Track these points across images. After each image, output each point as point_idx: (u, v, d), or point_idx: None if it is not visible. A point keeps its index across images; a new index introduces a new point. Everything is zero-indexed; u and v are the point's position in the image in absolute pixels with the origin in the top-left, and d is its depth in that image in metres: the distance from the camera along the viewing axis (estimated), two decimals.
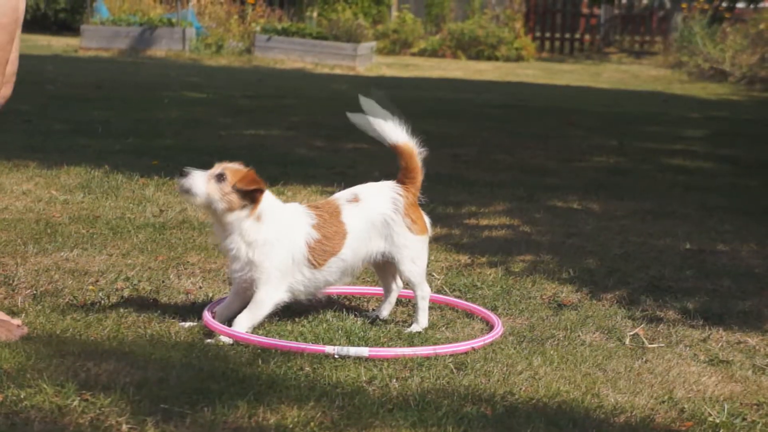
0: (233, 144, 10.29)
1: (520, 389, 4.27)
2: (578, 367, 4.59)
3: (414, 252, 4.89)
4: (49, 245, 6.00)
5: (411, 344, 4.74)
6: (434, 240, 6.70)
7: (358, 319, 5.05)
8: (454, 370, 4.44)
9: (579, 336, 5.03)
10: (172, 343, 4.54)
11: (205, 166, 8.75)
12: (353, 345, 4.63)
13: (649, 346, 4.95)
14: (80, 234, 6.32)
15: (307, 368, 4.32)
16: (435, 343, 4.73)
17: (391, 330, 4.92)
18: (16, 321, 4.57)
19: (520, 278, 5.95)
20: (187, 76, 18.06)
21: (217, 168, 4.75)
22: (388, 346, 4.69)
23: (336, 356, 4.44)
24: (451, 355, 4.58)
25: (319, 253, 4.75)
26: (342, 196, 4.90)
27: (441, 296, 5.41)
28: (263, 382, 4.10)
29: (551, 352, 4.75)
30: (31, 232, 6.27)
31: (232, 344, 4.57)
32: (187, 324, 4.78)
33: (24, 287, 5.21)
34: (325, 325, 4.89)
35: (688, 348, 4.95)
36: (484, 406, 4.05)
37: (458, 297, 5.54)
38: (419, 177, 4.97)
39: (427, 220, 5.00)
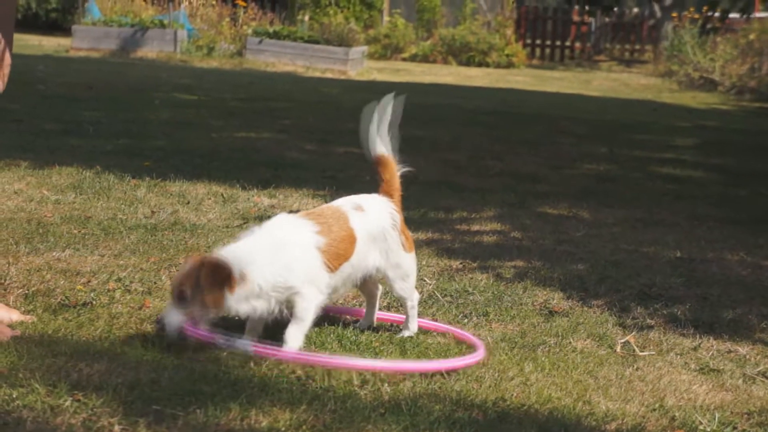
0: (225, 146, 10.29)
1: (512, 395, 4.28)
2: (569, 373, 4.61)
3: (406, 270, 4.81)
4: (40, 245, 5.99)
5: (402, 349, 4.74)
6: (425, 244, 6.72)
7: (351, 324, 5.05)
8: (446, 375, 4.45)
9: (570, 343, 5.04)
10: (164, 344, 4.53)
11: (197, 167, 8.79)
12: (346, 350, 4.62)
13: (640, 353, 4.97)
14: (72, 234, 6.31)
15: (299, 372, 4.32)
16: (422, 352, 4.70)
17: (382, 335, 4.93)
18: (17, 318, 4.58)
19: (511, 284, 5.96)
20: (178, 77, 18.05)
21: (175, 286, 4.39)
22: (380, 352, 4.69)
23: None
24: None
25: (333, 257, 4.58)
26: (345, 204, 4.75)
27: (428, 321, 5.16)
28: (255, 385, 4.09)
29: (543, 359, 4.76)
30: (22, 232, 6.26)
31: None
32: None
33: (16, 287, 5.20)
34: (316, 328, 4.89)
35: (678, 356, 4.96)
36: (475, 412, 4.06)
37: (450, 302, 5.55)
38: (399, 192, 4.88)
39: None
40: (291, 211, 5.01)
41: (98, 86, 15.09)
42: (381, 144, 4.87)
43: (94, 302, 5.08)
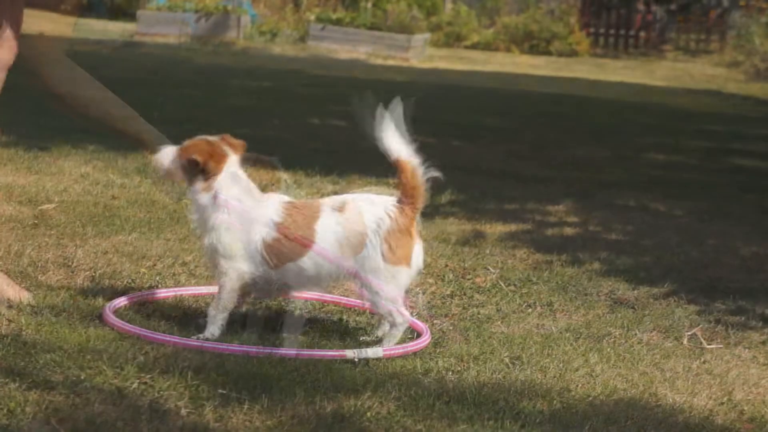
0: (288, 132, 10.32)
1: (577, 386, 4.24)
2: (635, 365, 4.56)
3: (380, 281, 4.44)
4: (107, 228, 6.04)
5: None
6: (489, 234, 6.68)
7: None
8: (510, 365, 4.42)
9: (636, 334, 4.99)
10: (230, 328, 4.55)
11: (261, 153, 8.79)
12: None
13: (708, 346, 4.91)
14: (138, 218, 6.36)
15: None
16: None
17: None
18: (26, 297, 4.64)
19: (576, 274, 5.91)
20: (241, 63, 18.13)
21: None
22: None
23: (356, 360, 4.30)
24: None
25: (276, 254, 4.43)
26: (331, 201, 4.58)
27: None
28: (320, 371, 4.10)
29: (608, 350, 4.71)
30: (89, 215, 6.31)
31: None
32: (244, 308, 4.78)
33: (83, 269, 5.25)
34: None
35: (747, 350, 4.89)
36: (540, 402, 4.03)
37: (513, 291, 5.51)
38: (418, 199, 4.57)
39: (417, 250, 4.55)
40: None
41: (163, 71, 15.20)
42: (398, 147, 4.61)
43: (159, 286, 5.11)
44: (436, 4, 27.61)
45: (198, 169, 4.45)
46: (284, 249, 4.44)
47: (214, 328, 4.45)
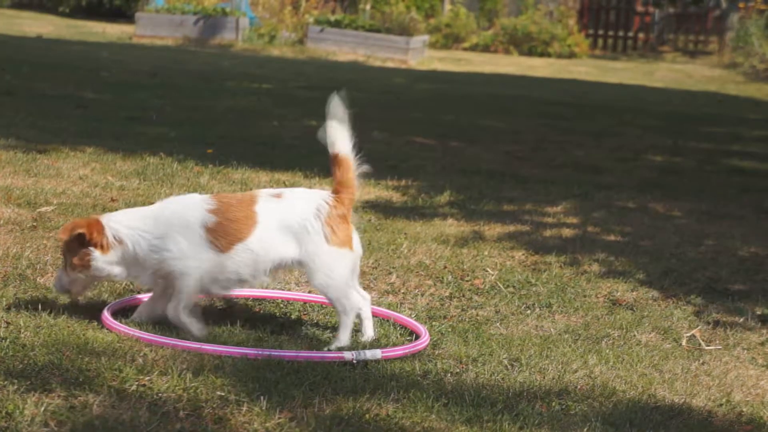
0: (287, 134, 10.31)
1: (576, 387, 4.24)
2: (634, 367, 4.56)
3: (327, 263, 4.49)
4: None
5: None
6: (488, 235, 6.68)
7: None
8: (509, 366, 4.42)
9: (635, 336, 4.99)
10: (229, 331, 4.55)
11: (259, 155, 8.84)
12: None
13: (706, 348, 4.91)
14: None
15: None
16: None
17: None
18: None
19: (575, 276, 5.91)
20: (239, 65, 18.13)
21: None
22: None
23: (354, 362, 4.30)
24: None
25: (222, 236, 4.47)
26: (266, 190, 4.68)
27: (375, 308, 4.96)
28: (318, 373, 4.10)
29: (607, 351, 4.71)
30: None
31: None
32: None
33: None
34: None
35: (745, 351, 4.89)
36: (539, 404, 4.03)
37: (512, 293, 5.51)
38: (354, 192, 4.61)
39: (355, 237, 4.61)
40: None
41: (161, 73, 15.19)
42: (339, 142, 4.64)
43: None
44: (434, 6, 27.63)
45: (86, 242, 4.47)
46: (229, 229, 4.48)
47: (195, 328, 4.45)
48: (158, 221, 4.50)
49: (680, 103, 17.13)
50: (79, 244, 4.48)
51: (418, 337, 4.63)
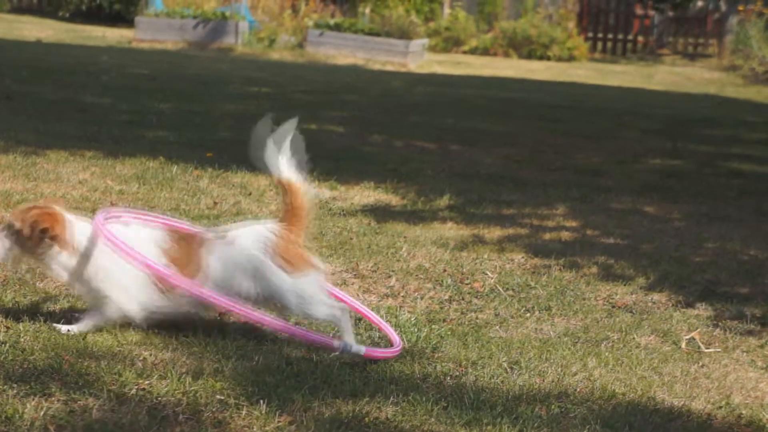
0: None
1: (575, 390, 4.25)
2: (633, 369, 4.56)
3: (297, 291, 4.41)
4: None
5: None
6: (487, 239, 6.68)
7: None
8: (508, 369, 4.43)
9: (634, 338, 4.99)
10: (228, 334, 4.55)
11: (259, 159, 8.80)
12: None
13: (706, 350, 4.91)
14: None
15: (362, 363, 4.32)
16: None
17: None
18: None
19: (574, 279, 5.91)
20: (239, 69, 18.13)
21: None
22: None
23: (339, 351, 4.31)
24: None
25: (166, 283, 4.37)
26: (211, 232, 4.59)
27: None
28: (318, 377, 4.10)
29: (606, 354, 4.72)
30: None
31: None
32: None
33: None
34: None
35: (745, 354, 4.90)
36: (538, 407, 4.03)
37: (512, 296, 5.52)
38: (305, 217, 4.52)
39: (313, 257, 4.53)
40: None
41: (161, 77, 15.20)
42: (286, 168, 4.57)
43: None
44: (434, 9, 27.64)
45: (45, 242, 4.39)
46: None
47: (83, 326, 4.40)
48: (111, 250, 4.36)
49: (680, 106, 17.13)
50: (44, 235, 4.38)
51: (391, 345, 4.55)
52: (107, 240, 4.32)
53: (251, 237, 4.47)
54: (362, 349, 4.34)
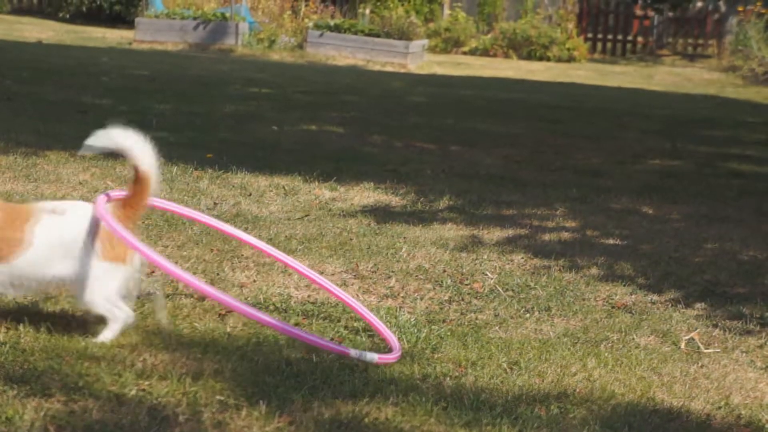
0: (286, 139, 10.32)
1: (575, 391, 4.25)
2: (633, 370, 4.57)
3: (95, 278, 4.31)
4: None
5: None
6: (487, 239, 6.69)
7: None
8: (508, 370, 4.43)
9: (633, 339, 5.00)
10: (228, 335, 4.56)
11: (259, 160, 8.84)
12: None
13: (705, 351, 4.92)
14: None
15: (361, 364, 4.32)
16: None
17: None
18: None
19: (574, 279, 5.92)
20: (239, 70, 18.14)
21: None
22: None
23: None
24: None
25: None
26: (43, 205, 4.43)
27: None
28: (318, 377, 4.11)
29: (606, 355, 4.72)
30: None
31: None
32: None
33: None
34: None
35: (744, 354, 4.90)
36: (538, 407, 4.04)
37: (511, 297, 5.53)
38: (142, 205, 4.46)
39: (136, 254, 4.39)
40: None
41: (161, 78, 15.20)
42: (143, 157, 4.48)
43: (157, 293, 5.11)
44: (434, 10, 27.65)
45: None
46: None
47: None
48: None
49: (679, 106, 17.13)
50: None
51: (390, 350, 4.55)
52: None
53: (83, 216, 4.36)
54: (375, 357, 4.34)
